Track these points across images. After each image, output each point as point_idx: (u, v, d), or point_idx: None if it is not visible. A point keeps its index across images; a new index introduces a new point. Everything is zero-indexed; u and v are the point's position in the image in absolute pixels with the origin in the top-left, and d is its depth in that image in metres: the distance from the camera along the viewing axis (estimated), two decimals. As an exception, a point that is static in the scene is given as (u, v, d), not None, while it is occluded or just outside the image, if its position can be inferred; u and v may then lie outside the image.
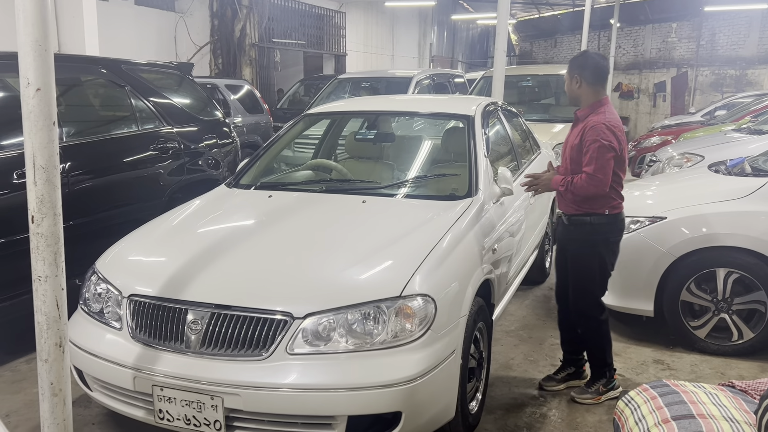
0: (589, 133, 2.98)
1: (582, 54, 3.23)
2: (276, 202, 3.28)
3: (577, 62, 3.13)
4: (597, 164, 2.94)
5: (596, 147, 2.94)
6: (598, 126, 2.97)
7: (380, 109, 4.39)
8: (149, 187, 4.43)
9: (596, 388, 3.29)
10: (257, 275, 2.53)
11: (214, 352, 2.35)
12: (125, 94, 4.43)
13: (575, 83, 3.12)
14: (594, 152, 2.94)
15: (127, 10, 10.77)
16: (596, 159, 2.94)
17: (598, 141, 2.94)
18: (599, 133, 2.95)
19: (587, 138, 2.98)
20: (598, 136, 2.94)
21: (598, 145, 2.93)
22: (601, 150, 2.94)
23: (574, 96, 3.18)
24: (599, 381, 3.31)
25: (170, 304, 2.46)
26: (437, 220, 2.98)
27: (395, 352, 2.34)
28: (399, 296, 2.38)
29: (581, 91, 3.11)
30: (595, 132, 2.96)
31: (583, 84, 3.09)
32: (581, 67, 3.10)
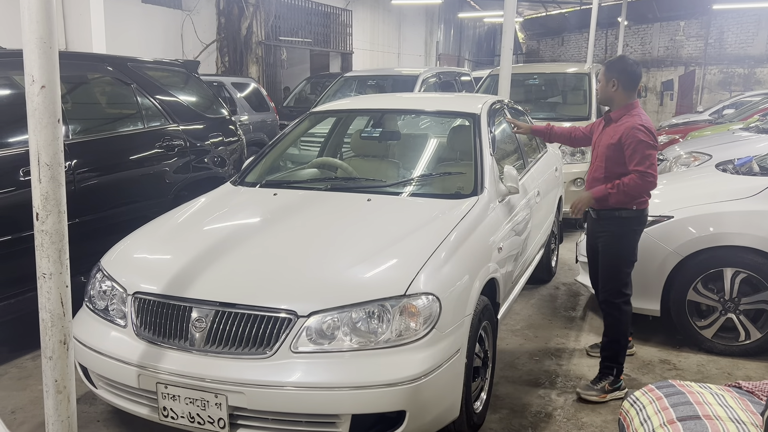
0: (630, 134, 3.13)
1: (620, 59, 3.37)
2: (281, 200, 3.28)
3: (617, 66, 3.27)
4: (648, 162, 3.11)
5: (644, 147, 3.10)
6: (638, 127, 3.13)
7: (386, 107, 4.37)
8: (155, 185, 4.44)
9: (602, 386, 3.31)
10: (262, 273, 2.53)
11: (218, 350, 2.35)
12: (131, 92, 4.43)
13: (612, 86, 3.26)
14: (643, 152, 3.10)
15: (134, 8, 10.79)
16: (647, 158, 3.11)
17: (645, 141, 3.11)
18: (643, 134, 3.11)
19: (629, 139, 3.13)
20: (643, 137, 3.11)
21: (646, 145, 3.11)
22: (649, 149, 3.12)
23: (607, 97, 3.32)
24: (606, 379, 3.33)
25: (175, 301, 2.46)
26: (442, 219, 2.97)
27: (399, 351, 2.33)
28: (403, 295, 2.37)
29: (616, 94, 3.26)
30: (638, 132, 3.12)
31: (619, 88, 3.24)
32: (620, 71, 3.25)
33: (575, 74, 8.32)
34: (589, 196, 3.25)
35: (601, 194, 3.20)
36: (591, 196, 3.24)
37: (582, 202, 3.27)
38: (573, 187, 6.60)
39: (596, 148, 3.39)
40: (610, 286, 3.34)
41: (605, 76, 3.29)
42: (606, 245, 3.33)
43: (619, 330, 3.34)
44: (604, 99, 3.36)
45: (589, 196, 3.25)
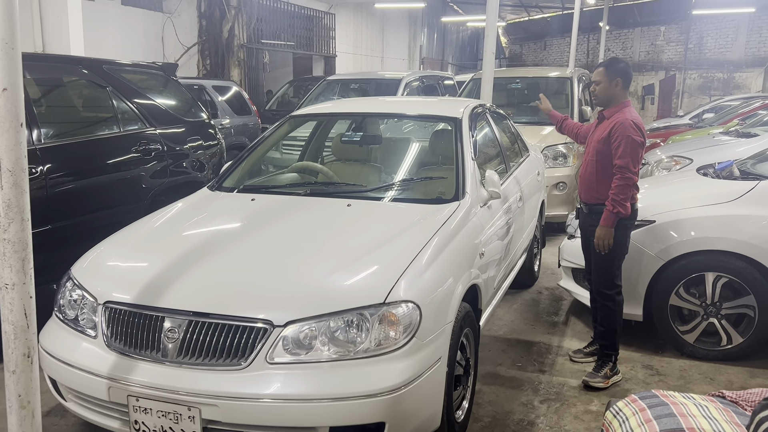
0: (618, 129, 3.28)
1: (617, 59, 3.56)
2: (259, 206, 3.21)
3: (618, 67, 3.45)
4: (629, 158, 3.25)
5: (629, 141, 3.25)
6: (626, 122, 3.28)
7: (367, 111, 4.33)
8: (131, 190, 4.34)
9: (604, 372, 3.48)
10: (237, 281, 2.46)
11: (191, 361, 2.27)
12: (107, 95, 4.33)
13: (615, 85, 3.41)
14: (627, 146, 3.25)
15: (113, 10, 10.65)
16: (629, 153, 3.25)
17: (630, 136, 3.25)
18: (629, 129, 3.27)
19: (617, 133, 3.28)
20: (628, 132, 3.26)
21: (631, 140, 3.25)
22: (633, 145, 3.26)
23: (609, 97, 3.45)
24: (606, 365, 3.51)
25: (146, 311, 2.38)
26: (423, 224, 2.93)
27: (379, 361, 2.28)
28: (383, 303, 2.32)
29: (617, 92, 3.42)
30: (625, 128, 3.27)
31: (620, 86, 3.41)
32: (621, 71, 3.43)
33: (557, 78, 8.33)
34: (606, 229, 3.33)
35: (609, 218, 3.31)
36: (606, 227, 3.33)
37: (604, 238, 3.35)
38: (555, 191, 6.60)
39: (589, 145, 3.57)
40: (605, 278, 3.48)
41: (607, 76, 3.42)
42: None
43: (614, 319, 3.50)
44: (606, 98, 3.46)
45: (606, 229, 3.33)
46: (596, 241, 3.37)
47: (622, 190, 3.27)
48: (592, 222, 3.46)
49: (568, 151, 6.79)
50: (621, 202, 3.28)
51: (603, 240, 3.36)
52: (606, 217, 3.32)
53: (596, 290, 3.55)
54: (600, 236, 3.36)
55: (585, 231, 3.64)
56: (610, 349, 3.53)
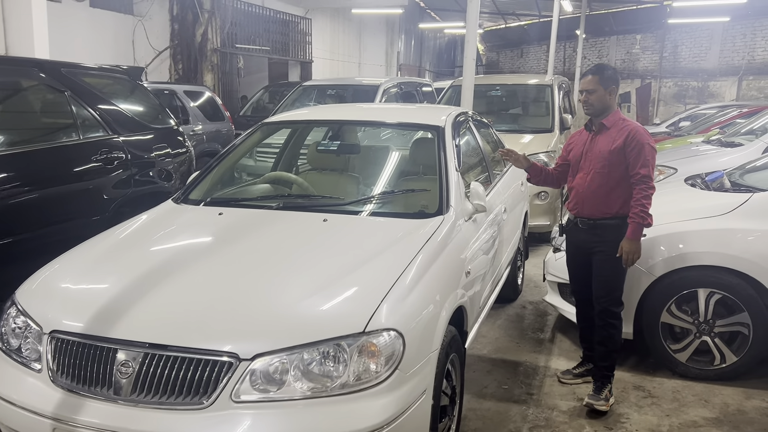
0: (636, 137, 3.16)
1: (609, 68, 3.41)
2: (226, 221, 2.95)
3: (612, 76, 3.31)
4: (650, 167, 3.15)
5: (649, 150, 3.15)
6: (641, 130, 3.20)
7: (344, 119, 4.10)
8: (91, 201, 4.04)
9: (605, 394, 3.32)
10: (200, 308, 2.19)
11: (146, 399, 2.02)
12: (65, 100, 4.03)
13: (610, 94, 3.30)
14: (647, 154, 3.15)
15: (81, 12, 10.30)
16: (650, 162, 3.16)
17: (650, 145, 3.17)
18: (646, 137, 3.18)
19: (634, 141, 3.15)
20: (646, 140, 3.17)
21: (650, 148, 3.16)
22: (652, 152, 3.18)
23: (605, 106, 3.29)
24: (606, 387, 3.35)
25: (97, 342, 2.12)
26: (405, 242, 2.70)
27: (358, 398, 2.05)
28: (362, 332, 2.09)
29: (612, 101, 3.31)
30: (642, 136, 3.17)
31: (614, 95, 3.32)
32: (615, 80, 3.32)
33: (537, 86, 8.21)
34: (635, 243, 3.16)
35: (638, 230, 3.16)
36: (636, 240, 3.16)
37: (634, 251, 3.17)
38: (537, 200, 6.44)
39: (588, 157, 3.32)
40: (613, 295, 3.30)
41: (602, 84, 3.26)
42: (606, 254, 3.26)
43: (617, 340, 3.36)
44: (602, 108, 3.29)
45: (635, 243, 3.16)
46: (625, 256, 3.17)
47: (648, 200, 3.13)
48: (595, 238, 3.29)
49: (549, 159, 6.65)
50: (647, 212, 3.13)
51: (633, 254, 3.17)
52: (634, 230, 3.14)
53: (602, 309, 3.32)
54: (629, 250, 3.16)
55: (580, 247, 3.42)
56: (610, 370, 3.36)
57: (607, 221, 3.25)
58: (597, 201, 3.27)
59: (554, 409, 3.31)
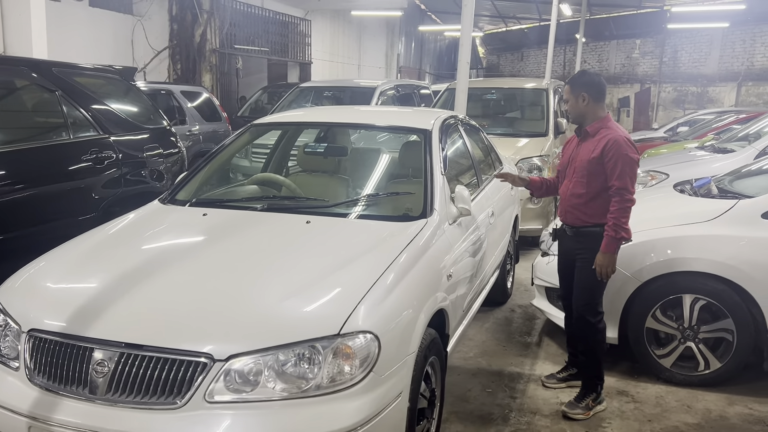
0: (613, 147, 3.08)
1: (582, 73, 3.36)
2: (210, 222, 2.96)
3: (583, 81, 3.25)
4: (628, 177, 3.07)
5: (627, 160, 3.07)
6: (620, 140, 3.09)
7: (333, 121, 4.12)
8: (80, 200, 4.05)
9: (586, 403, 3.29)
10: (176, 309, 2.21)
11: (121, 398, 2.03)
12: (56, 100, 4.05)
13: (582, 101, 3.22)
14: (625, 166, 3.06)
15: (80, 12, 10.31)
16: (628, 173, 3.08)
17: (627, 155, 3.07)
18: (625, 147, 3.08)
19: (612, 151, 3.08)
20: (624, 150, 3.07)
21: (628, 159, 3.07)
22: (631, 163, 3.09)
23: (579, 114, 3.26)
24: (590, 395, 3.31)
25: (74, 341, 2.13)
26: (387, 244, 2.71)
27: (332, 399, 2.06)
28: (337, 334, 2.10)
29: (588, 108, 3.22)
30: (620, 146, 3.08)
31: (590, 101, 3.21)
32: (586, 84, 3.22)
33: (533, 90, 8.22)
34: (609, 256, 3.12)
35: (612, 243, 3.11)
36: (609, 254, 3.12)
37: (607, 265, 3.13)
38: (530, 204, 6.45)
39: (573, 163, 3.32)
40: (589, 304, 3.28)
41: (572, 93, 3.24)
42: (586, 262, 3.24)
43: (595, 345, 3.31)
44: (576, 116, 3.28)
45: (609, 256, 3.12)
46: (598, 269, 3.13)
47: (624, 213, 3.07)
48: (578, 246, 3.27)
49: (543, 164, 6.67)
50: (623, 225, 3.08)
51: (606, 267, 3.13)
52: (608, 243, 3.10)
53: (579, 316, 3.33)
54: (602, 264, 3.13)
55: (566, 254, 3.42)
56: (594, 378, 3.33)
57: (588, 229, 3.23)
58: (578, 209, 3.26)
59: (536, 413, 3.32)
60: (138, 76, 11.18)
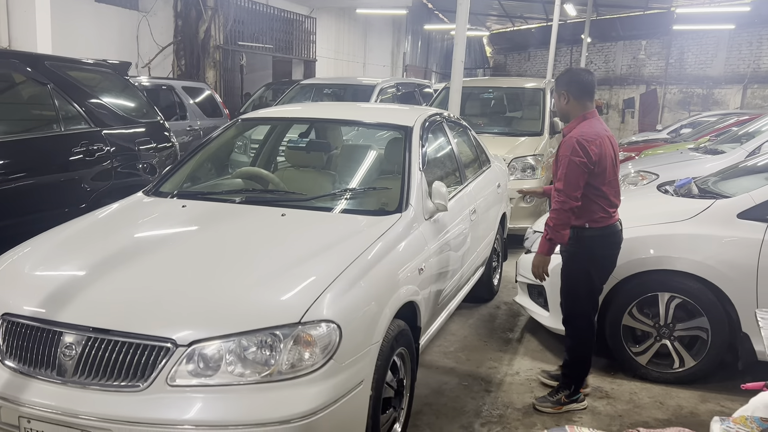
0: (561, 149, 3.06)
1: (567, 71, 3.31)
2: (188, 214, 3.04)
3: (563, 79, 3.21)
4: (566, 180, 3.00)
5: (566, 163, 3.00)
6: (569, 141, 3.03)
7: (318, 117, 4.18)
8: (70, 192, 4.14)
9: (558, 398, 3.31)
10: (143, 296, 2.29)
11: (87, 381, 2.11)
12: (47, 93, 4.14)
13: (563, 99, 3.19)
14: (565, 168, 3.01)
15: (86, 7, 10.43)
16: (566, 175, 3.00)
17: (568, 156, 3.00)
18: (569, 149, 3.01)
19: (559, 152, 3.07)
20: (568, 152, 3.01)
21: (568, 160, 3.00)
22: (571, 166, 2.99)
23: (563, 112, 3.23)
24: (563, 391, 3.32)
25: (45, 326, 2.21)
26: (358, 237, 2.78)
27: (292, 385, 2.13)
28: (298, 322, 2.17)
29: (569, 107, 3.17)
30: (566, 147, 3.03)
31: (571, 99, 3.15)
32: (568, 82, 3.17)
33: (531, 89, 8.24)
34: (539, 257, 3.15)
35: (545, 245, 3.11)
36: (541, 254, 3.14)
37: (537, 266, 3.16)
38: (522, 203, 6.49)
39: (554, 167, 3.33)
40: (566, 306, 3.31)
41: (556, 91, 3.24)
42: (563, 265, 3.28)
43: (579, 351, 3.30)
44: (561, 115, 3.27)
45: (539, 257, 3.15)
46: (532, 268, 3.18)
47: (557, 216, 3.02)
48: (561, 247, 3.25)
49: (536, 163, 6.70)
50: (555, 228, 3.03)
51: (537, 268, 3.15)
52: (542, 243, 3.11)
53: (563, 318, 3.37)
54: (535, 263, 3.16)
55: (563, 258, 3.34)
56: (571, 378, 3.34)
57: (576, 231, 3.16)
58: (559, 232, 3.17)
59: (509, 406, 3.37)
60: (142, 71, 11.34)
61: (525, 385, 3.63)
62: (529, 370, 3.81)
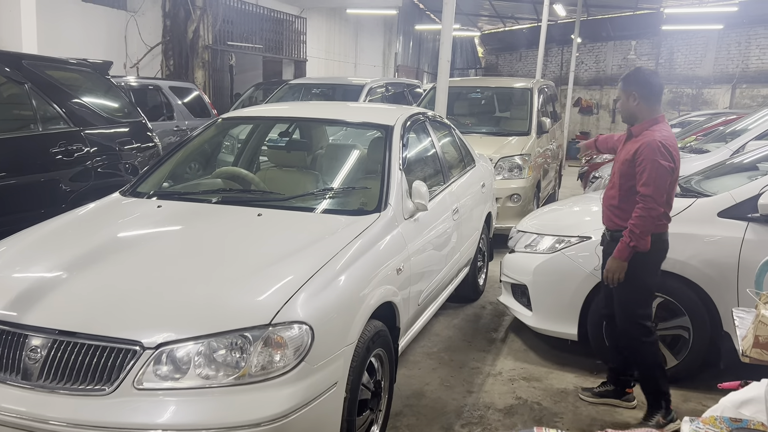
0: (644, 152, 2.91)
1: (637, 70, 3.15)
2: (163, 214, 3.00)
3: (634, 79, 3.06)
4: (655, 185, 2.87)
5: (654, 167, 2.87)
6: (653, 144, 2.90)
7: (299, 116, 4.15)
8: (48, 193, 4.09)
9: (656, 421, 3.10)
10: (110, 298, 2.24)
11: (52, 385, 2.06)
12: (25, 93, 4.08)
13: (632, 100, 3.05)
14: (652, 172, 2.87)
15: (73, 7, 10.34)
16: (654, 180, 2.87)
17: (656, 161, 2.87)
18: (656, 152, 2.88)
19: (642, 156, 2.91)
20: (654, 156, 2.88)
21: (657, 164, 2.87)
22: (660, 170, 2.87)
23: (630, 113, 3.09)
24: (657, 412, 3.13)
25: (11, 328, 2.17)
26: (335, 237, 2.75)
27: (263, 387, 2.09)
28: (269, 324, 2.13)
29: (638, 108, 3.05)
30: (651, 150, 2.89)
31: (640, 101, 3.03)
32: (639, 83, 3.04)
33: (518, 89, 8.24)
34: (618, 262, 2.98)
35: (624, 250, 2.94)
36: (620, 260, 2.97)
37: (615, 271, 2.99)
38: (509, 203, 6.48)
39: (615, 163, 3.22)
40: (626, 315, 3.11)
41: (623, 90, 3.09)
42: (629, 271, 3.04)
43: (648, 361, 3.13)
44: (627, 116, 3.12)
45: (618, 262, 2.98)
46: (606, 273, 3.01)
47: (643, 222, 2.88)
48: (612, 250, 3.06)
49: (523, 162, 6.69)
50: (639, 236, 2.89)
51: (613, 273, 2.98)
52: (621, 248, 2.94)
53: (620, 330, 3.17)
54: (610, 268, 2.98)
55: (606, 259, 3.20)
56: (655, 393, 3.14)
57: (620, 233, 3.03)
58: (611, 212, 3.14)
59: (490, 407, 3.35)
60: (131, 71, 11.27)
61: (507, 385, 3.61)
62: (512, 371, 3.79)
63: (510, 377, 3.71)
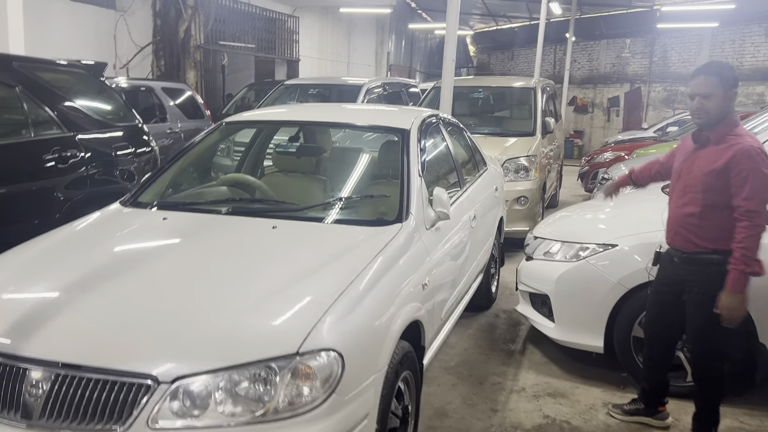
0: (743, 161, 2.58)
1: (723, 65, 2.79)
2: (169, 227, 2.78)
3: (729, 74, 2.70)
4: (759, 198, 2.57)
5: (756, 177, 2.56)
6: (752, 151, 2.58)
7: (308, 120, 3.94)
8: (42, 202, 3.86)
9: None
10: (121, 325, 2.02)
11: (56, 424, 1.85)
12: (15, 96, 3.84)
13: (730, 100, 2.71)
14: (755, 183, 2.56)
15: (61, 6, 10.07)
16: (759, 191, 2.57)
17: (759, 169, 2.56)
18: (758, 161, 2.57)
19: (741, 165, 2.58)
20: (757, 165, 2.57)
21: (760, 174, 2.56)
22: (765, 182, 2.57)
23: (723, 114, 2.70)
24: None
25: (8, 360, 1.95)
26: (357, 251, 2.55)
27: (290, 425, 1.88)
28: (296, 353, 1.92)
29: (730, 109, 2.71)
30: (751, 159, 2.57)
31: (731, 102, 2.71)
32: (734, 80, 2.70)
33: (521, 89, 8.08)
34: (736, 297, 2.60)
35: (740, 280, 2.59)
36: (738, 293, 2.59)
37: (735, 308, 2.61)
38: (516, 205, 6.31)
39: (683, 176, 2.82)
40: (707, 348, 2.82)
41: (722, 87, 2.67)
42: (699, 303, 2.75)
43: (718, 395, 2.91)
44: (719, 116, 2.69)
45: (736, 297, 2.60)
46: (723, 312, 2.63)
47: (754, 242, 2.54)
48: (688, 276, 2.78)
49: (530, 164, 6.52)
50: (753, 258, 2.55)
51: (734, 311, 2.60)
52: (734, 279, 2.56)
53: (695, 362, 2.94)
54: (727, 306, 2.60)
55: (670, 284, 2.91)
56: (710, 423, 2.94)
57: (702, 256, 2.73)
58: (690, 230, 2.76)
59: (518, 428, 3.16)
60: (120, 72, 11.00)
61: (532, 402, 3.43)
62: (535, 386, 3.61)
63: (534, 393, 3.52)
